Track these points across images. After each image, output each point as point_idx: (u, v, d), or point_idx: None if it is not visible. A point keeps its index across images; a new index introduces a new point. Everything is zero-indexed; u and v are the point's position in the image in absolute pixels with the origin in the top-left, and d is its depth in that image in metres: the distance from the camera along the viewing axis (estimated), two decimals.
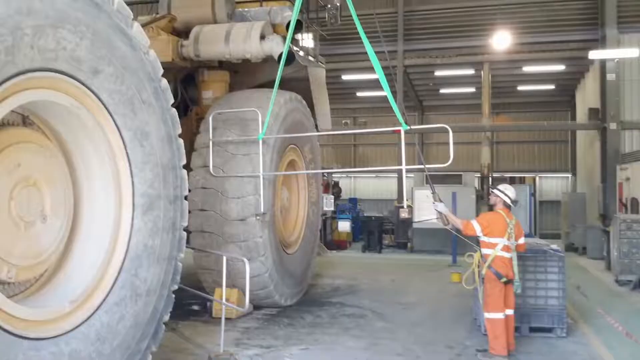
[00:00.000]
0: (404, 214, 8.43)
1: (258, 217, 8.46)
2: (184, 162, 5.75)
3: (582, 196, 20.04)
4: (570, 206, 19.48)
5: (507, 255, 6.75)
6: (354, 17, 6.84)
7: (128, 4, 5.05)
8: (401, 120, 7.13)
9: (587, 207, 19.27)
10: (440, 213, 6.96)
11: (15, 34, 3.75)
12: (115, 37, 4.69)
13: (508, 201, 6.95)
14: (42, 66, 4.05)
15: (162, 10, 9.87)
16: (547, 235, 21.85)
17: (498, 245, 6.74)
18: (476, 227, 6.82)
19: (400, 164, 7.53)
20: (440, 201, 7.01)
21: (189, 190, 7.37)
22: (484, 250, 6.83)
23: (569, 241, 18.52)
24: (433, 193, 7.03)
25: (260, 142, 8.32)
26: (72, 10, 4.22)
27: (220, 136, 8.68)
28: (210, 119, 8.56)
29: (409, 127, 7.19)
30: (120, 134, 4.88)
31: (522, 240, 7.05)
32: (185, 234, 5.67)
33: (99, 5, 4.51)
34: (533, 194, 22.13)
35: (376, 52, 6.85)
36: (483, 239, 6.83)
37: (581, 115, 22.21)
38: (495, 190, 7.10)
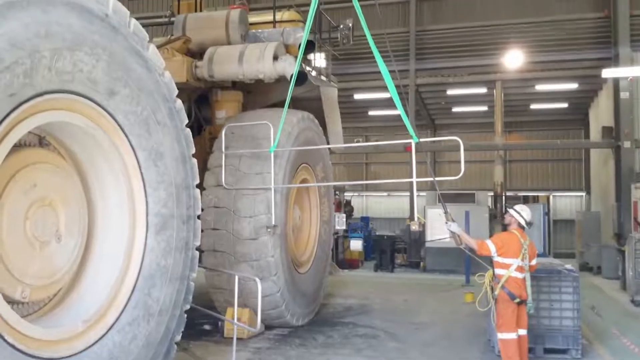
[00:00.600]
0: (414, 227, 8.39)
1: (269, 230, 8.46)
2: (197, 181, 5.79)
3: (597, 215, 19.84)
4: (585, 225, 19.28)
5: (520, 275, 6.69)
6: (367, 34, 6.89)
7: (144, 25, 5.14)
8: (412, 132, 7.13)
9: (601, 226, 19.07)
10: (453, 233, 6.92)
11: (33, 57, 3.82)
12: (131, 59, 4.76)
13: (523, 222, 6.91)
14: (59, 88, 4.12)
15: (177, 32, 10.01)
16: (562, 255, 21.62)
17: (512, 265, 6.68)
18: (491, 247, 6.77)
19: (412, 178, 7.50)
20: (453, 221, 6.97)
21: (202, 210, 7.43)
22: (498, 271, 6.77)
23: (584, 260, 18.31)
24: (445, 213, 6.99)
25: (272, 156, 8.35)
26: (89, 33, 4.30)
27: (233, 154, 8.73)
28: (223, 132, 8.63)
29: (419, 140, 7.20)
30: (135, 154, 4.94)
31: (534, 262, 6.99)
32: (197, 253, 5.69)
33: (116, 28, 4.59)
34: (547, 213, 21.94)
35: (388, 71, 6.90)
36: (497, 259, 6.77)
37: (595, 133, 22.08)
38: (511, 210, 7.06)
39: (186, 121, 5.61)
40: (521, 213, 6.95)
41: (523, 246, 6.75)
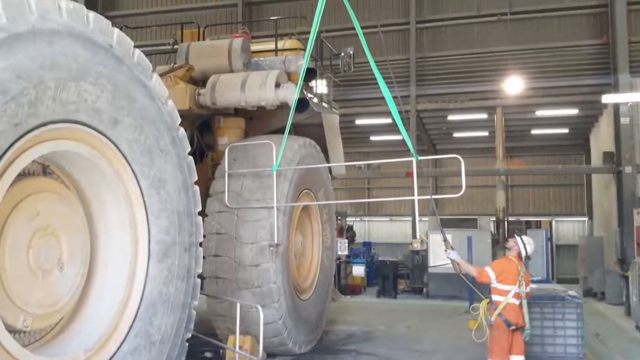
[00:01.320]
0: (416, 245, 8.36)
1: (272, 249, 8.45)
2: (200, 208, 5.81)
3: (599, 240, 19.77)
4: (587, 250, 19.21)
5: (517, 302, 6.74)
6: (370, 60, 7.01)
7: (148, 54, 5.21)
8: (413, 150, 7.19)
9: (604, 251, 18.98)
10: (453, 261, 6.97)
11: (38, 88, 3.88)
12: (135, 89, 4.82)
13: (523, 253, 6.99)
14: (64, 118, 4.17)
15: (181, 60, 10.12)
16: (565, 280, 21.50)
17: (510, 292, 6.74)
18: (491, 275, 6.83)
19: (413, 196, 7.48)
20: (452, 249, 7.02)
21: (204, 236, 7.43)
22: (495, 297, 6.83)
23: (588, 286, 18.19)
24: (445, 241, 7.05)
25: (275, 175, 8.39)
26: (94, 64, 4.37)
27: (236, 180, 8.77)
28: (226, 152, 8.71)
29: (420, 158, 7.23)
30: (138, 182, 4.97)
31: (529, 289, 7.06)
32: (199, 280, 5.69)
33: (120, 59, 4.66)
34: (549, 239, 21.88)
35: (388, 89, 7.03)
36: (496, 285, 6.82)
37: (596, 158, 22.13)
38: (517, 237, 7.10)
39: (189, 149, 5.66)
40: (526, 244, 7.02)
41: (520, 273, 6.82)
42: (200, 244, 5.72)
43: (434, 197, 7.84)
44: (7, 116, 3.67)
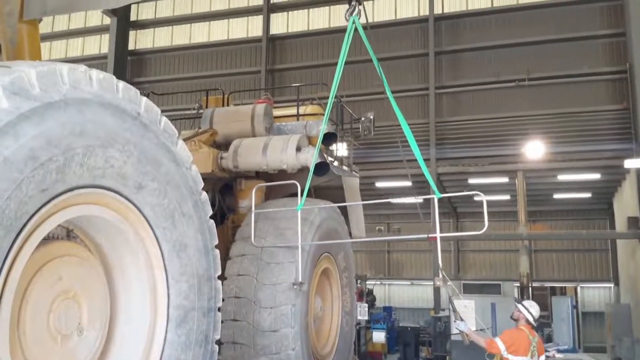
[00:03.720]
0: (439, 283, 8.14)
1: (296, 287, 8.33)
2: (219, 272, 5.79)
3: (627, 307, 19.22)
4: (615, 318, 18.65)
5: None
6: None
7: (173, 118, 5.34)
8: (434, 187, 7.13)
9: (632, 319, 18.40)
10: (462, 331, 6.87)
11: (66, 155, 3.98)
12: (161, 155, 4.92)
13: (531, 319, 6.89)
14: (90, 183, 4.25)
15: (205, 124, 10.37)
16: (593, 349, 20.80)
17: None
18: (500, 346, 6.72)
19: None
20: (462, 319, 6.92)
21: (222, 300, 7.39)
22: None
23: (616, 355, 17.56)
24: (454, 311, 6.96)
25: (299, 213, 8.35)
26: (122, 130, 4.49)
27: (257, 243, 8.78)
28: (253, 191, 8.77)
29: (441, 195, 7.17)
30: (160, 246, 4.99)
31: (543, 358, 6.88)
32: (217, 347, 5.60)
33: (147, 126, 4.78)
34: (575, 306, 21.32)
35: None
36: (507, 356, 6.69)
37: (620, 223, 21.79)
38: (519, 306, 7.02)
39: (210, 212, 5.70)
40: (529, 309, 6.92)
41: (532, 343, 6.68)
42: (219, 309, 5.67)
43: (456, 234, 7.76)
44: (35, 182, 3.75)
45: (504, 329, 7.78)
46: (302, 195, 8.33)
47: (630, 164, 17.70)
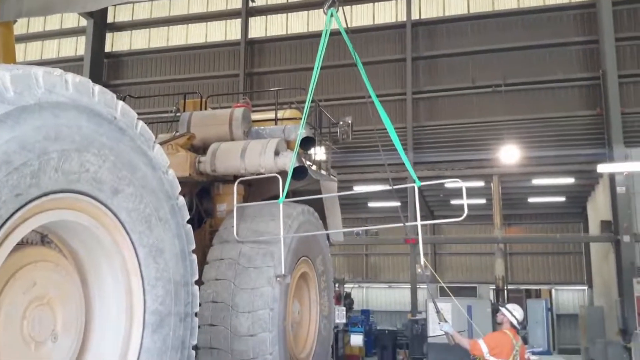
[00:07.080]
0: (419, 270, 8.23)
1: (279, 279, 8.32)
2: (197, 277, 5.76)
3: (600, 310, 19.54)
4: (588, 320, 18.96)
5: None
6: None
7: (150, 122, 5.32)
8: (414, 176, 7.14)
9: (605, 321, 18.72)
10: (446, 332, 6.92)
11: (41, 159, 3.94)
12: (137, 159, 4.89)
13: (515, 322, 6.95)
14: (65, 188, 4.21)
15: (183, 128, 10.31)
16: (567, 351, 21.12)
17: None
18: (483, 348, 6.77)
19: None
20: (446, 321, 6.97)
21: (200, 304, 7.36)
22: None
23: (589, 357, 17.86)
24: (437, 312, 7.01)
25: (281, 206, 8.37)
26: (98, 135, 4.45)
27: (233, 247, 8.75)
28: (235, 185, 8.83)
29: (421, 184, 7.17)
30: (136, 251, 4.95)
31: None
32: (193, 352, 5.57)
33: (123, 130, 4.75)
34: (550, 309, 21.64)
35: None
36: (489, 358, 6.74)
37: (594, 226, 22.18)
38: (503, 310, 7.09)
39: (187, 217, 5.67)
40: (513, 313, 6.98)
41: (515, 347, 6.74)
42: (196, 314, 5.64)
43: (436, 221, 7.84)
44: (9, 186, 3.70)
45: (480, 331, 7.87)
46: (283, 189, 8.34)
47: (602, 168, 18.03)
